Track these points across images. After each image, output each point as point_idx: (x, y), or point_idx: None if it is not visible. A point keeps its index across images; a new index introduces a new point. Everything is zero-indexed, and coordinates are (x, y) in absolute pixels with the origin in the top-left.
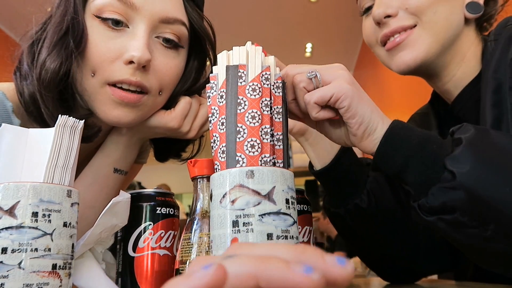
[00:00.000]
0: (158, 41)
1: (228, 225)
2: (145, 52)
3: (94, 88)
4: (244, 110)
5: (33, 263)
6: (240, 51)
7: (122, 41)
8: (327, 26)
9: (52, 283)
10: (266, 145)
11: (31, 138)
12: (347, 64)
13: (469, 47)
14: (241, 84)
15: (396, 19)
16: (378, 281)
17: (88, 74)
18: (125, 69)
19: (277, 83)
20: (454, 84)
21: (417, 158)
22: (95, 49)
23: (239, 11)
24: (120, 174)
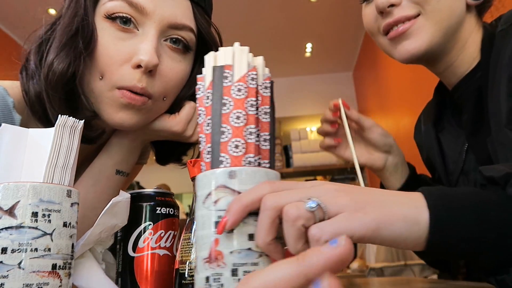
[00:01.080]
0: (166, 44)
1: (211, 226)
2: (153, 56)
3: (102, 91)
4: (229, 110)
5: (33, 263)
6: (226, 51)
7: (131, 43)
8: (327, 26)
9: (52, 283)
10: (250, 145)
11: (31, 138)
12: (347, 64)
13: (470, 33)
14: (226, 85)
15: (399, 8)
16: (378, 281)
17: (97, 76)
18: (132, 74)
19: (265, 83)
20: (452, 70)
21: (482, 239)
22: (105, 51)
23: (239, 11)
24: (122, 176)
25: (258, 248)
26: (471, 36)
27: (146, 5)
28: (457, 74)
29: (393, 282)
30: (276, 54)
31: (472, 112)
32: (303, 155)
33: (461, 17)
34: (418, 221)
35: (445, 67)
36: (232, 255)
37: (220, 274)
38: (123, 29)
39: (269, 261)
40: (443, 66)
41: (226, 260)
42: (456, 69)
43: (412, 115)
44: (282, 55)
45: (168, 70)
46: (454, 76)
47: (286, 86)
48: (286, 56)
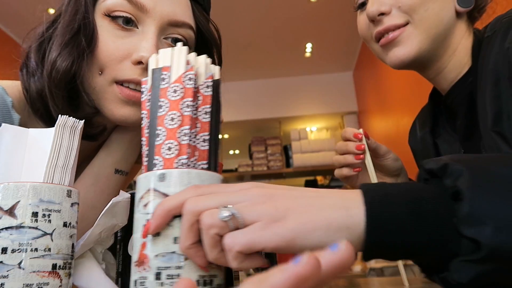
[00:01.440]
0: (166, 42)
1: (140, 229)
2: (154, 53)
3: (102, 87)
4: (165, 112)
5: (33, 263)
6: (165, 53)
7: (131, 41)
8: (327, 26)
9: (52, 283)
10: (184, 147)
11: (31, 138)
12: (347, 64)
13: (460, 40)
14: (163, 87)
15: (389, 16)
16: (378, 281)
17: (96, 72)
18: (133, 69)
19: (207, 82)
20: (443, 76)
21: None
22: (104, 48)
23: (239, 11)
24: (121, 175)
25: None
26: (461, 42)
27: (146, 3)
28: (448, 80)
29: (393, 282)
30: (276, 54)
31: (465, 118)
32: (303, 155)
33: (450, 24)
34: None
35: (436, 73)
36: (157, 258)
37: (145, 278)
38: (123, 28)
39: (194, 266)
40: (434, 72)
41: (151, 264)
42: (447, 74)
43: (412, 115)
44: (282, 55)
45: None
46: (445, 82)
47: (286, 86)
48: (286, 56)
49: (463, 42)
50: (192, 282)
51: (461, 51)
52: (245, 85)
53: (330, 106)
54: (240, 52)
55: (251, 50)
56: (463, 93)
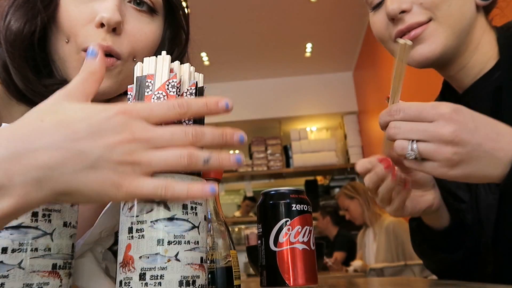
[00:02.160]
0: (130, 6)
1: (125, 232)
2: (115, 13)
3: (70, 55)
4: None
5: (33, 263)
6: (150, 61)
7: (93, 4)
8: (327, 26)
9: (52, 283)
10: None
11: None
12: (347, 64)
13: (482, 34)
14: (147, 94)
15: (410, 14)
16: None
17: (63, 40)
18: (97, 34)
19: (190, 90)
20: (466, 72)
21: None
22: (66, 13)
23: (239, 11)
24: None
25: (166, 253)
26: (483, 36)
27: None
28: (471, 75)
29: (393, 282)
30: (276, 54)
31: (489, 113)
32: (303, 155)
33: (472, 18)
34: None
35: (458, 69)
36: (141, 260)
37: (130, 278)
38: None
39: (177, 266)
40: (456, 68)
41: (136, 265)
42: (470, 70)
43: None
44: (282, 55)
45: (135, 30)
46: (467, 78)
47: (286, 86)
48: (286, 56)
49: (485, 36)
50: None
51: (484, 46)
52: (245, 85)
53: (330, 106)
54: (240, 52)
55: (251, 50)
56: (488, 88)
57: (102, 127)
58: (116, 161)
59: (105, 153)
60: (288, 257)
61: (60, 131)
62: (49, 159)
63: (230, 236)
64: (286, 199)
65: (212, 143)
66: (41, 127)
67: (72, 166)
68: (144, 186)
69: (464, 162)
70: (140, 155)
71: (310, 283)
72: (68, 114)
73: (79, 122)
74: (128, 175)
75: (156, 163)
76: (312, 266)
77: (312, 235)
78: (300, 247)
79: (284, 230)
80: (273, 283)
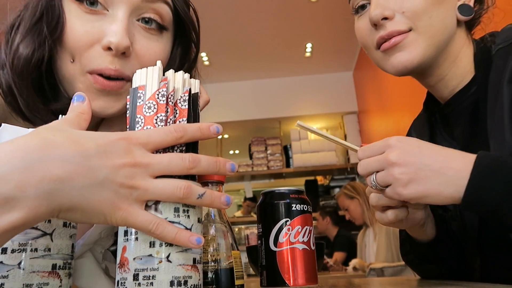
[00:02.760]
0: (139, 24)
1: (122, 234)
2: (123, 38)
3: (74, 76)
4: (141, 127)
5: (33, 263)
6: (142, 72)
7: (101, 25)
8: (327, 26)
9: (52, 283)
10: None
11: None
12: (347, 64)
13: (461, 47)
14: (139, 104)
15: (392, 22)
16: (378, 281)
17: (67, 60)
18: (104, 56)
19: (184, 97)
20: (444, 84)
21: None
22: (72, 34)
23: (239, 11)
24: None
25: (157, 255)
26: (462, 50)
27: None
28: (450, 87)
29: (393, 282)
30: (276, 54)
31: (467, 127)
32: (303, 155)
33: (452, 31)
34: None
35: (437, 80)
36: (135, 261)
37: (125, 279)
38: (91, 11)
39: (169, 268)
40: (435, 79)
41: (130, 266)
42: (448, 82)
43: (412, 115)
44: (282, 55)
45: (145, 50)
46: (446, 89)
47: (286, 86)
48: (286, 56)
49: (464, 50)
50: None
51: (462, 59)
52: (245, 85)
53: (330, 106)
54: (240, 52)
55: (251, 50)
56: (466, 102)
57: (108, 148)
58: (118, 183)
59: (111, 174)
60: (288, 257)
61: (72, 146)
62: (62, 172)
63: (233, 236)
64: (286, 199)
65: (207, 170)
66: (54, 140)
67: (81, 181)
68: (139, 217)
69: (413, 181)
70: (139, 180)
71: (310, 283)
72: (75, 133)
73: (87, 140)
74: (126, 199)
75: (152, 191)
76: (312, 266)
77: (312, 235)
78: (300, 247)
79: (284, 230)
80: (273, 283)
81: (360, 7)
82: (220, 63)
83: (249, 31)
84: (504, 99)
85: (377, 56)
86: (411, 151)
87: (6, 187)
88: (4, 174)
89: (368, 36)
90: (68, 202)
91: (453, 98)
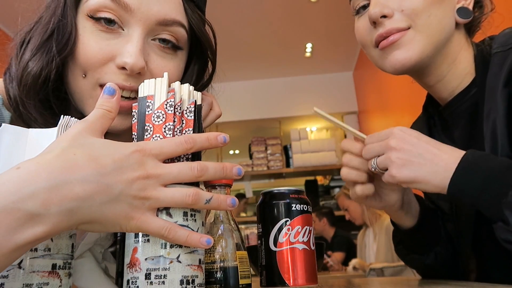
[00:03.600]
0: (154, 43)
1: (132, 236)
2: (139, 59)
3: (86, 90)
4: (150, 135)
5: (33, 263)
6: (150, 83)
7: (116, 43)
8: (327, 26)
9: (52, 283)
10: None
11: (31, 138)
12: (347, 64)
13: (459, 50)
14: (148, 113)
15: (391, 20)
16: (378, 281)
17: (79, 75)
18: (117, 74)
19: (190, 108)
20: (443, 85)
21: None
22: (86, 49)
23: (239, 11)
24: None
25: (168, 256)
26: (460, 52)
27: (131, 2)
28: (449, 89)
29: (393, 282)
30: (276, 54)
31: (466, 129)
32: (303, 155)
33: (450, 33)
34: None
35: (436, 80)
36: (147, 261)
37: (137, 278)
38: (107, 29)
39: (179, 267)
40: (433, 80)
41: (142, 266)
42: (447, 83)
43: (412, 115)
44: (282, 55)
45: (159, 68)
46: (445, 90)
47: (286, 86)
48: (286, 56)
49: (462, 52)
50: None
51: (461, 61)
52: (245, 85)
53: (330, 106)
54: (240, 52)
55: (251, 50)
56: (465, 105)
57: (123, 164)
58: (132, 196)
59: (125, 189)
60: (288, 257)
61: (91, 165)
62: (83, 192)
63: (240, 236)
64: (286, 199)
65: (214, 176)
66: (75, 160)
67: (99, 198)
68: (151, 224)
69: (406, 166)
70: (151, 191)
71: (310, 283)
72: (95, 148)
73: (105, 157)
74: (139, 209)
75: (163, 200)
76: (312, 266)
77: (312, 235)
78: (300, 247)
79: (284, 230)
80: (273, 283)
81: (362, 8)
82: (220, 63)
83: (249, 31)
84: (498, 103)
85: (375, 55)
86: (410, 140)
87: (32, 205)
88: (31, 192)
89: (367, 35)
90: (87, 217)
91: (453, 100)
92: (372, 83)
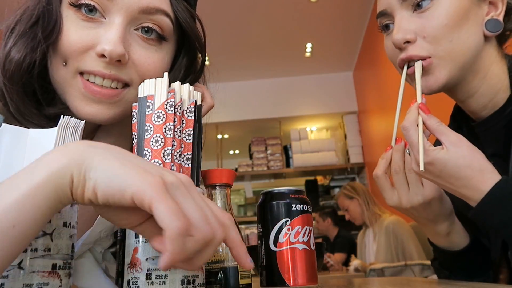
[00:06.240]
0: (137, 34)
1: (132, 237)
2: (117, 46)
3: (66, 79)
4: (150, 135)
5: (33, 263)
6: (150, 83)
7: (97, 32)
8: (327, 26)
9: (52, 283)
10: (167, 165)
11: (31, 138)
12: (347, 64)
13: (490, 64)
14: (148, 113)
15: (414, 45)
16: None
17: (60, 63)
18: (97, 61)
19: (190, 108)
20: (475, 100)
21: None
22: (66, 38)
23: (239, 11)
24: None
25: None
26: (492, 66)
27: None
28: (481, 103)
29: (393, 282)
30: (276, 54)
31: (500, 147)
32: (303, 155)
33: (478, 49)
34: None
35: (467, 96)
36: (148, 261)
37: (137, 278)
38: (88, 18)
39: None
40: (464, 95)
41: (143, 266)
42: (479, 98)
43: None
44: (282, 55)
45: (143, 59)
46: (477, 105)
47: (286, 86)
48: (286, 56)
49: (494, 66)
50: None
51: (494, 75)
52: (245, 85)
53: (330, 106)
54: (240, 52)
55: (251, 50)
56: (501, 123)
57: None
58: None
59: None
60: (288, 257)
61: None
62: None
63: (241, 236)
64: (286, 199)
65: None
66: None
67: None
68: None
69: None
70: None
71: (310, 283)
72: None
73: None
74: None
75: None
76: (312, 266)
77: (312, 235)
78: (300, 247)
79: (284, 230)
80: (273, 283)
81: (385, 26)
82: (220, 63)
83: (249, 31)
84: None
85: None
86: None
87: None
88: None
89: (393, 56)
90: None
91: (488, 119)
92: (372, 83)
